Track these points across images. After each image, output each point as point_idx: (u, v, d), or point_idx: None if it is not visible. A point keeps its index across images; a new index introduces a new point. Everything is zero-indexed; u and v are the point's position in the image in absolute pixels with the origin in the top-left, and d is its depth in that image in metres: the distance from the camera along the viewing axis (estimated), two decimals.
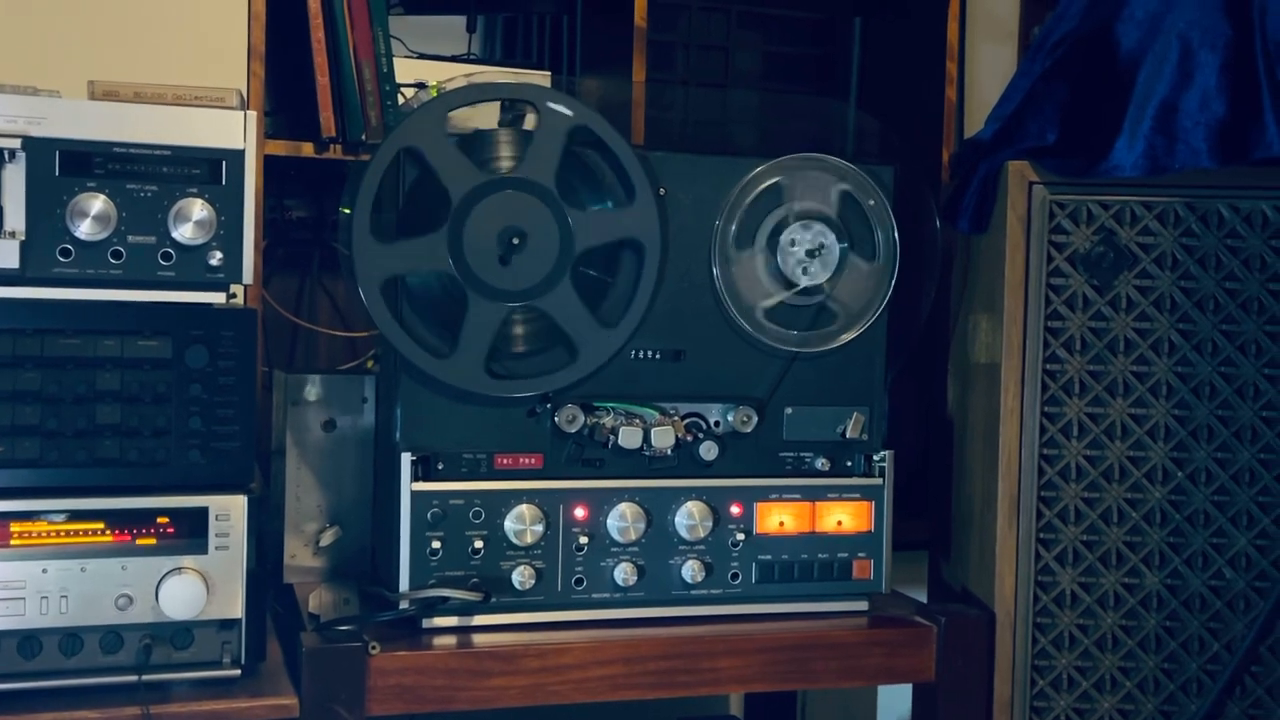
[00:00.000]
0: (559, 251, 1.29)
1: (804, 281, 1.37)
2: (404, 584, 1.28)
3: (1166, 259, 1.41)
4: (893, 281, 1.39)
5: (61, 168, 1.16)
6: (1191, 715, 1.41)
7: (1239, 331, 1.41)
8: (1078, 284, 1.42)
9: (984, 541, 1.46)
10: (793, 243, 1.37)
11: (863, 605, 1.42)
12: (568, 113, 1.28)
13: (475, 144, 1.31)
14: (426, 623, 1.30)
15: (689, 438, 1.37)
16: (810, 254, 1.37)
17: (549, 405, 1.32)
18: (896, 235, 1.40)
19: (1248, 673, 1.41)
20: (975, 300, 1.51)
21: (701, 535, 1.36)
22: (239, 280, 1.21)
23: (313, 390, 1.47)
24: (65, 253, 1.16)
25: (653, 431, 1.35)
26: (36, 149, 1.15)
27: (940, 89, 1.90)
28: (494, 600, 1.30)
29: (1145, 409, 1.41)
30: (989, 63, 2.19)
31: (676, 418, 1.37)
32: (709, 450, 1.36)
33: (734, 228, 1.36)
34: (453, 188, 1.26)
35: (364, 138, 1.65)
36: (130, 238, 1.18)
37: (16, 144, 1.14)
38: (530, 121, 1.52)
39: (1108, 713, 1.43)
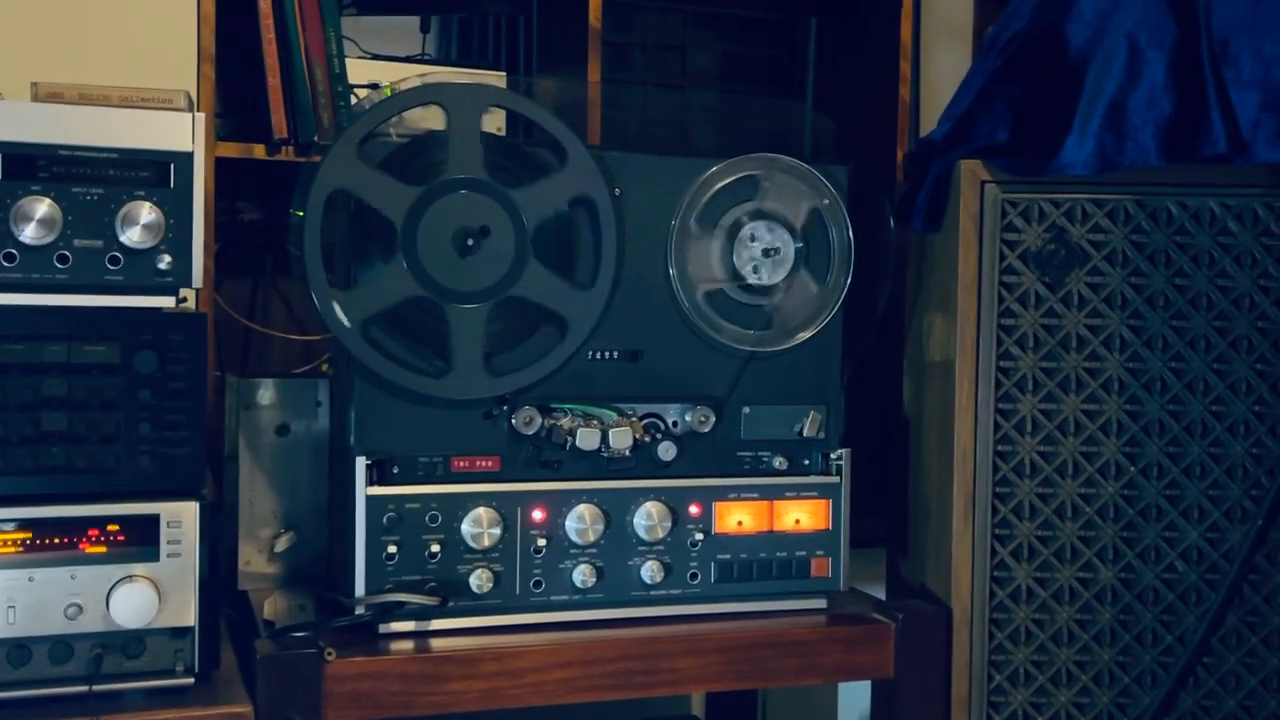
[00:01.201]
0: (514, 235, 1.27)
1: (751, 279, 1.37)
2: (360, 589, 1.27)
3: (1117, 256, 1.42)
4: (844, 291, 1.40)
5: (4, 171, 1.14)
6: (1146, 707, 1.43)
7: (1188, 327, 1.42)
8: (1030, 281, 1.43)
9: (940, 538, 1.47)
10: (753, 237, 1.37)
11: (821, 603, 1.43)
12: (465, 98, 1.25)
13: (429, 144, 1.29)
14: (383, 628, 1.29)
15: (647, 438, 1.36)
16: (766, 253, 1.37)
17: (505, 407, 1.31)
18: (851, 235, 1.40)
19: (1200, 664, 1.43)
20: (929, 299, 1.52)
21: (660, 536, 1.35)
22: (188, 284, 1.20)
23: (266, 394, 1.46)
24: (9, 257, 1.14)
25: (610, 432, 1.34)
26: None
27: (895, 89, 1.91)
28: (451, 604, 1.29)
29: (1097, 405, 1.43)
30: (944, 63, 2.20)
31: (634, 418, 1.37)
32: (667, 450, 1.36)
33: (691, 226, 1.36)
34: (391, 213, 1.25)
35: (316, 139, 1.63)
36: (76, 241, 1.16)
37: None
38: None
39: (1064, 706, 1.44)
